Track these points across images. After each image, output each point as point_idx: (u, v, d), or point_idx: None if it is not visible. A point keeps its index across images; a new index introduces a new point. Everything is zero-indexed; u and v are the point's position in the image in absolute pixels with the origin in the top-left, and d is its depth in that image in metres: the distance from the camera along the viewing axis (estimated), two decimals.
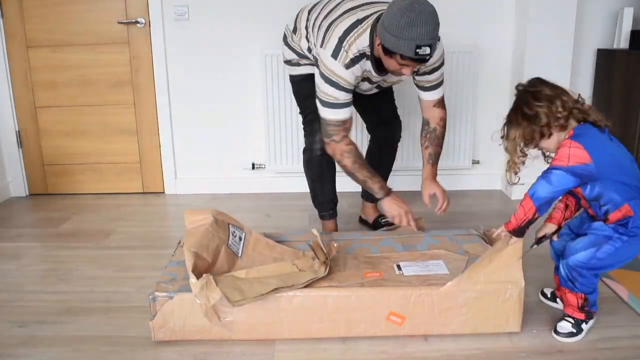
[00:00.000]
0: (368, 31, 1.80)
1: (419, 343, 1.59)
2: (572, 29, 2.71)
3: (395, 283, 1.60)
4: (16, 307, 1.86)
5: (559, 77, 2.72)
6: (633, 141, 2.61)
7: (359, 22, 1.81)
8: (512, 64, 2.93)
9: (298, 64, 2.14)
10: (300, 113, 2.25)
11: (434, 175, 2.06)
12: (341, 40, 1.79)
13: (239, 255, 1.74)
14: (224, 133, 3.05)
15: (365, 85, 1.99)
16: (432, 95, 2.00)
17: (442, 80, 1.99)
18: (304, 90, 2.13)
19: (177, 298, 1.55)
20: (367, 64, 1.85)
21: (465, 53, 2.84)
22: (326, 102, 1.88)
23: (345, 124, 1.92)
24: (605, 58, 2.87)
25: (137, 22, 2.89)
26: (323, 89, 1.86)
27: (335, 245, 1.77)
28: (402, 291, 1.57)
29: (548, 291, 1.82)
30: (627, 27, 2.77)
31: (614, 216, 1.50)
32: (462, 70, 2.86)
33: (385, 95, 2.25)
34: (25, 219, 2.80)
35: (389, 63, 1.76)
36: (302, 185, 3.05)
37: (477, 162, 3.06)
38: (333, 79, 1.83)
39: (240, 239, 1.80)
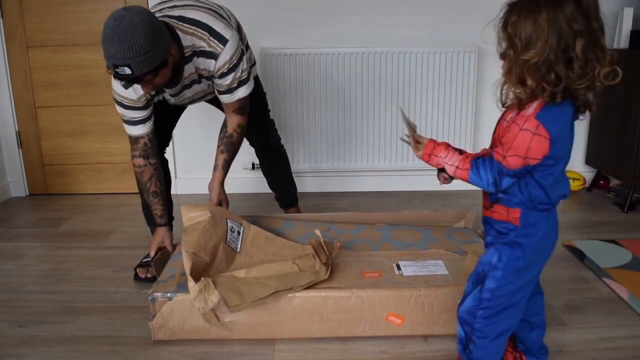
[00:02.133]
0: None
1: (419, 343, 1.59)
2: None
3: (395, 284, 1.60)
4: (16, 307, 1.86)
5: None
6: (633, 141, 2.61)
7: None
8: None
9: None
10: None
11: (222, 180, 2.02)
12: None
13: (238, 250, 1.74)
14: None
15: (170, 98, 1.94)
16: (226, 99, 1.89)
17: (238, 85, 1.85)
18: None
19: (176, 299, 1.55)
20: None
21: (465, 53, 2.84)
22: (122, 119, 1.88)
23: (138, 142, 1.90)
24: None
25: None
26: (117, 109, 1.87)
27: (338, 244, 1.77)
28: (401, 292, 1.57)
29: None
30: (627, 27, 2.77)
31: (497, 212, 1.21)
32: (462, 70, 2.86)
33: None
34: (25, 219, 2.80)
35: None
36: (301, 185, 3.06)
37: None
38: (117, 99, 1.83)
39: (238, 233, 1.78)
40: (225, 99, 1.89)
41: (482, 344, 1.26)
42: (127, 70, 1.53)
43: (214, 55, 1.76)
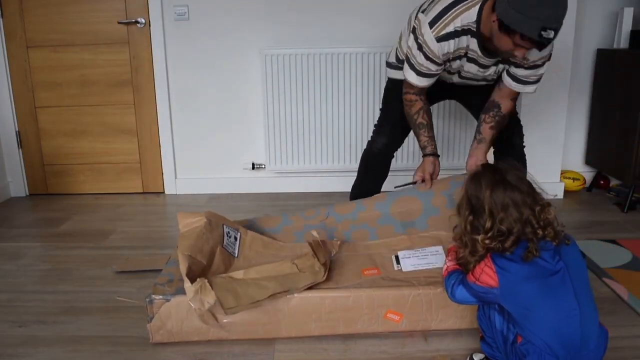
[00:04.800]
0: (477, 6, 1.69)
1: (419, 343, 1.59)
2: (572, 29, 2.71)
3: (393, 282, 1.61)
4: (16, 307, 1.86)
5: (559, 77, 2.77)
6: (633, 141, 2.61)
7: None
8: None
9: (397, 67, 2.10)
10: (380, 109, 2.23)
11: (486, 153, 1.95)
12: (445, 10, 1.72)
13: (236, 255, 1.74)
14: (224, 133, 3.05)
15: (470, 67, 1.87)
16: (515, 88, 1.85)
17: (537, 80, 1.85)
18: (390, 94, 2.13)
19: (174, 301, 1.55)
20: (470, 41, 1.75)
21: None
22: (410, 63, 1.84)
23: (414, 87, 1.89)
24: (605, 58, 2.87)
25: (137, 22, 2.89)
26: (411, 49, 1.82)
27: (338, 243, 1.76)
28: (399, 291, 1.57)
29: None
30: (627, 27, 2.77)
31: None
32: None
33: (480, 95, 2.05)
34: (25, 219, 2.80)
35: (503, 42, 1.62)
36: (302, 185, 3.06)
37: None
38: (422, 46, 1.77)
39: (235, 239, 1.79)
40: (513, 86, 1.85)
41: None
42: (552, 34, 1.51)
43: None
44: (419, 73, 1.84)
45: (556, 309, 1.25)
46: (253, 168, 3.07)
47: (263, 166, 3.05)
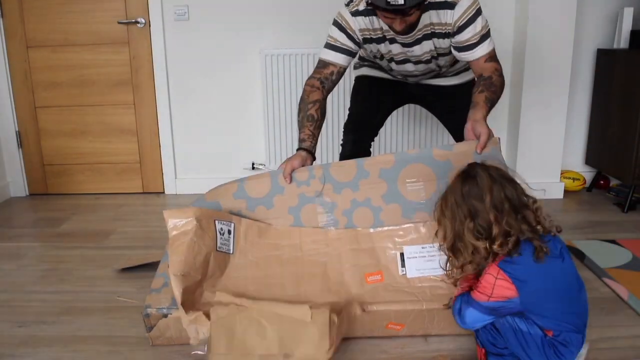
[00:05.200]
0: None
1: (419, 343, 1.59)
2: (572, 29, 2.71)
3: (397, 294, 1.56)
4: (16, 307, 1.86)
5: (559, 77, 2.77)
6: (633, 141, 2.61)
7: None
8: (512, 64, 2.93)
9: (361, 66, 2.16)
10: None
11: (485, 116, 1.70)
12: None
13: (231, 252, 1.65)
14: (224, 133, 3.05)
15: (397, 48, 1.85)
16: (467, 56, 1.80)
17: (483, 37, 1.76)
18: (353, 92, 2.17)
19: (171, 317, 1.53)
20: (380, 22, 1.78)
21: None
22: (325, 44, 1.89)
23: (325, 68, 1.88)
24: (605, 58, 2.87)
25: (137, 22, 2.89)
26: (329, 32, 1.87)
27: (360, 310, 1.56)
28: (402, 307, 1.54)
29: None
30: (627, 27, 2.77)
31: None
32: None
33: (464, 106, 1.83)
34: (25, 219, 2.80)
35: (380, 17, 1.71)
36: None
37: None
38: (339, 21, 1.82)
39: (229, 233, 1.67)
40: (466, 56, 1.80)
41: None
42: (400, 0, 1.55)
43: (450, 5, 1.70)
44: (330, 46, 1.86)
45: (570, 289, 1.28)
46: (253, 168, 3.07)
47: (263, 166, 3.05)
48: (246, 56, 2.93)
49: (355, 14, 1.78)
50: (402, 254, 1.64)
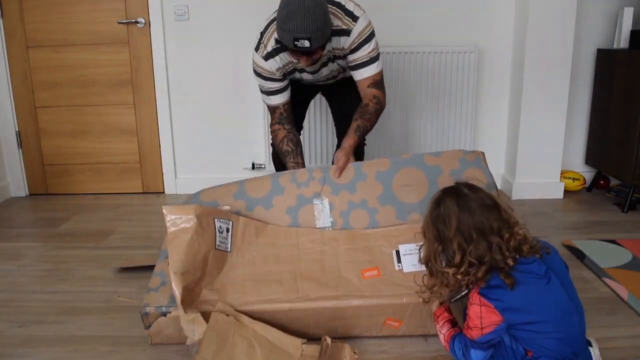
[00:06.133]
0: None
1: (419, 343, 1.59)
2: (572, 29, 2.71)
3: (393, 289, 1.56)
4: (16, 307, 1.86)
5: (559, 77, 2.77)
6: (633, 141, 2.61)
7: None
8: (512, 64, 2.93)
9: None
10: None
11: (353, 145, 1.86)
12: (262, 34, 1.93)
13: (229, 250, 1.66)
14: (224, 133, 3.05)
15: (307, 76, 2.03)
16: (359, 75, 1.95)
17: (371, 60, 1.92)
18: None
19: (170, 316, 1.53)
20: (288, 57, 1.90)
21: (465, 53, 2.84)
22: (260, 90, 2.05)
23: (275, 112, 2.05)
24: (605, 58, 2.87)
25: (137, 22, 2.89)
26: (255, 80, 2.02)
27: (356, 357, 1.54)
28: (399, 301, 1.54)
29: None
30: (627, 27, 2.77)
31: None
32: (462, 70, 2.86)
33: (353, 100, 2.08)
34: (25, 219, 2.80)
35: (288, 53, 1.85)
36: None
37: None
38: (257, 70, 1.97)
39: (227, 231, 1.68)
40: (358, 75, 1.95)
41: None
42: (307, 44, 1.67)
43: (346, 32, 1.86)
44: (268, 93, 2.02)
45: (556, 312, 1.24)
46: (253, 168, 3.07)
47: (263, 166, 3.05)
48: (246, 56, 2.91)
49: (267, 57, 1.92)
50: (397, 252, 1.66)
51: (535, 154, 2.88)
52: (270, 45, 1.90)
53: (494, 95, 2.99)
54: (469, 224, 1.24)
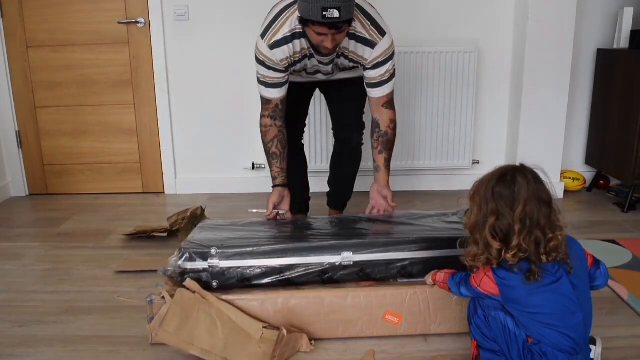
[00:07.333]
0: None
1: (419, 343, 1.59)
2: (572, 29, 2.71)
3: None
4: (16, 307, 1.86)
5: (559, 77, 2.77)
6: (633, 141, 2.61)
7: (293, 4, 1.82)
8: (512, 64, 2.93)
9: None
10: None
11: (388, 180, 2.02)
12: (273, 21, 1.85)
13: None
14: (224, 133, 3.05)
15: (313, 67, 1.97)
16: (378, 93, 1.94)
17: (389, 78, 1.93)
18: None
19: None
20: (302, 42, 1.85)
21: (465, 53, 2.84)
22: (258, 80, 1.97)
23: (269, 104, 1.99)
24: (605, 58, 2.87)
25: (137, 22, 2.89)
26: (256, 68, 1.94)
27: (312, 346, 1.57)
28: (396, 290, 1.57)
29: None
30: (627, 27, 2.77)
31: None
32: (462, 70, 2.86)
33: (351, 97, 2.15)
34: (25, 219, 2.80)
35: (311, 36, 1.75)
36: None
37: (477, 162, 3.05)
38: (260, 58, 1.89)
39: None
40: (376, 92, 1.94)
41: None
42: (336, 13, 1.60)
43: (370, 44, 1.84)
44: (266, 85, 1.95)
45: (559, 310, 1.26)
46: (253, 168, 3.07)
47: (263, 166, 3.05)
48: (246, 56, 2.91)
49: (274, 46, 1.84)
50: None
51: (535, 154, 2.88)
52: (282, 32, 1.82)
53: (494, 95, 2.99)
54: (534, 215, 1.25)
